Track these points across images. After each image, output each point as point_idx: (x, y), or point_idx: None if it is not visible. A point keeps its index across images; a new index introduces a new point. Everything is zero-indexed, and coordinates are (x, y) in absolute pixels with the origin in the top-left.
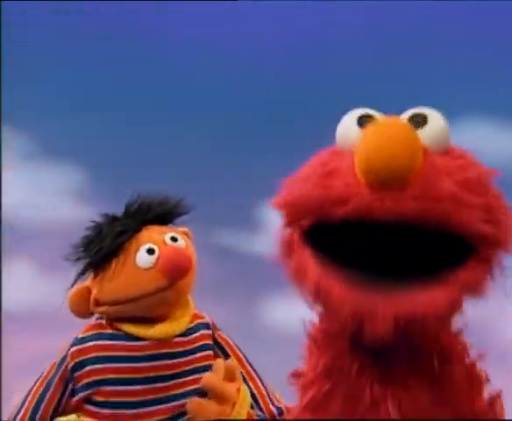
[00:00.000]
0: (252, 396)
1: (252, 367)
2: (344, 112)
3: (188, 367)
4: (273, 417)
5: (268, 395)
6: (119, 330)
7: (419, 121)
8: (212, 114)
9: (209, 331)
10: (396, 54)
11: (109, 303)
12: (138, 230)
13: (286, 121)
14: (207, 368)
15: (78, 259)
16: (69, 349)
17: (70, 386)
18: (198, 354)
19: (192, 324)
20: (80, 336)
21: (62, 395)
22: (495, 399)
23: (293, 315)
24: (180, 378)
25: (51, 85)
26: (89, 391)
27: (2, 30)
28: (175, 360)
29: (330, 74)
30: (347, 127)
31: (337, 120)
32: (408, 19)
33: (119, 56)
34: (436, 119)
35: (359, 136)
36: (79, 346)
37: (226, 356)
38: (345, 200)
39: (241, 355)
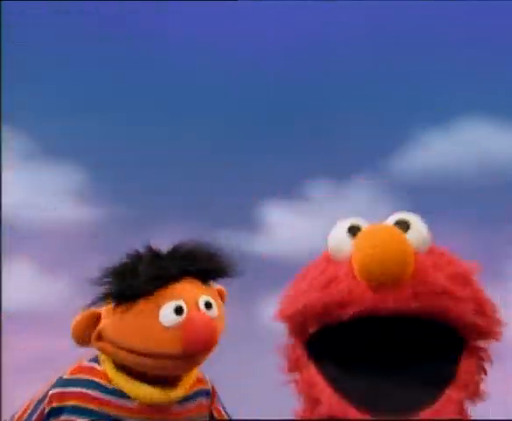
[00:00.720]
0: None
1: None
2: (344, 112)
3: None
4: None
5: None
6: (110, 382)
7: (403, 227)
8: (212, 114)
9: (209, 401)
10: (396, 54)
11: (111, 343)
12: (176, 278)
13: (286, 121)
14: None
15: (104, 284)
16: (50, 390)
17: None
18: None
19: (191, 391)
20: (65, 377)
21: None
22: None
23: None
24: None
25: (51, 85)
26: None
27: (2, 30)
28: None
29: (330, 75)
30: (339, 239)
31: (337, 120)
32: (409, 19)
33: (119, 56)
34: (417, 224)
35: (353, 245)
36: (61, 389)
37: None
38: (350, 303)
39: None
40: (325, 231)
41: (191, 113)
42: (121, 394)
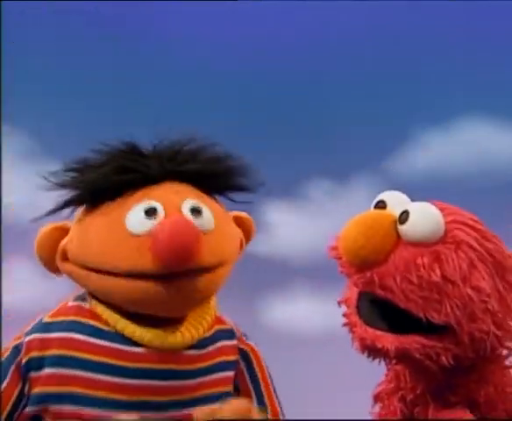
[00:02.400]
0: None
1: (274, 389)
2: (343, 112)
3: (194, 395)
4: None
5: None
6: (106, 323)
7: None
8: (212, 114)
9: (234, 342)
10: (396, 54)
11: (77, 263)
12: (155, 179)
13: (286, 121)
14: (219, 398)
15: (65, 184)
16: (26, 336)
17: (26, 389)
18: (213, 376)
19: (209, 333)
20: (45, 320)
21: (19, 398)
22: None
23: (292, 315)
24: (178, 409)
25: (51, 85)
26: (37, 407)
27: (2, 30)
28: (177, 383)
29: (329, 74)
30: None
31: (337, 120)
32: (409, 20)
33: (120, 57)
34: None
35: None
36: (40, 335)
37: (251, 373)
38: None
39: (267, 375)
40: (325, 231)
41: (191, 113)
42: (121, 338)
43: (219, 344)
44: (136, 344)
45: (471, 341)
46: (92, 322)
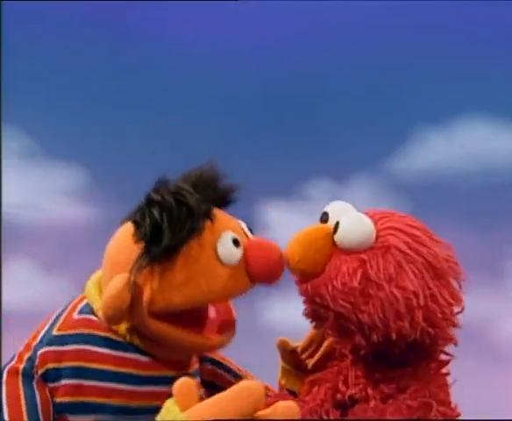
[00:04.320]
0: None
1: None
2: (343, 112)
3: None
4: None
5: None
6: (116, 333)
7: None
8: (213, 114)
9: None
10: (396, 54)
11: (176, 306)
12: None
13: (286, 121)
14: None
15: (149, 236)
16: (38, 348)
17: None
18: (197, 379)
19: None
20: (55, 333)
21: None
22: None
23: (292, 314)
24: None
25: (51, 85)
26: (55, 417)
27: (2, 30)
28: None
29: (329, 74)
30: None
31: (338, 120)
32: (409, 20)
33: (120, 57)
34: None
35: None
36: (56, 348)
37: (225, 370)
38: None
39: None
40: None
41: (192, 113)
42: (133, 347)
43: None
44: (147, 354)
45: (400, 337)
46: (104, 333)
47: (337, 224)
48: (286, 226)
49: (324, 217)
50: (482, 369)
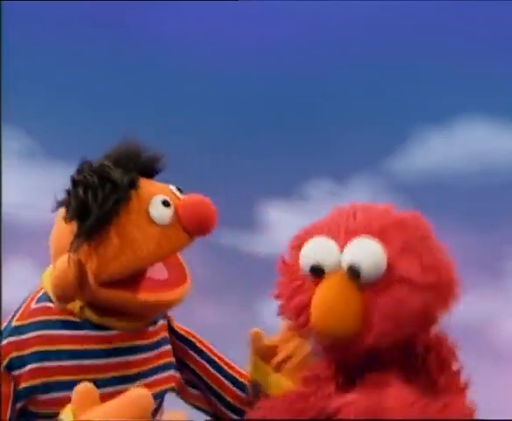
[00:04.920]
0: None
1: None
2: (343, 112)
3: (154, 365)
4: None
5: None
6: (72, 314)
7: (354, 273)
8: (213, 114)
9: (165, 322)
10: (396, 54)
11: (119, 274)
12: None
13: (285, 121)
14: (169, 367)
15: (81, 214)
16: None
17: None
18: (163, 349)
19: None
20: (14, 324)
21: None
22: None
23: None
24: (144, 378)
25: (51, 85)
26: (24, 401)
27: (2, 30)
28: (143, 355)
29: (329, 74)
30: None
31: (338, 120)
32: (409, 19)
33: (120, 57)
34: (367, 260)
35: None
36: (16, 337)
37: (195, 350)
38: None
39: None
40: None
41: (192, 113)
42: (90, 324)
43: (160, 322)
44: (105, 328)
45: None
46: (61, 317)
47: (354, 266)
48: (286, 226)
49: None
50: (482, 369)
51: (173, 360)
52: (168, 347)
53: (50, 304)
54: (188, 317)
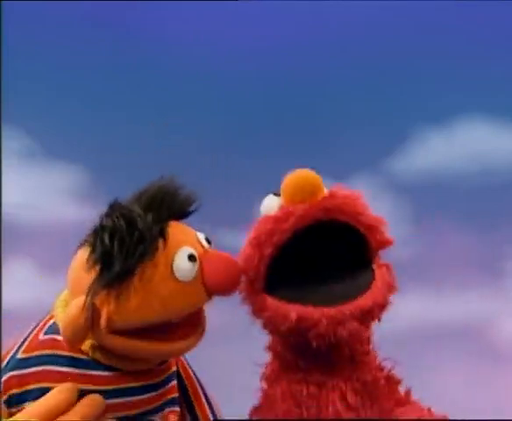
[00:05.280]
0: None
1: (201, 386)
2: (343, 112)
3: (158, 403)
4: None
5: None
6: (80, 351)
7: None
8: (213, 114)
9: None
10: (396, 54)
11: (135, 325)
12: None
13: (285, 121)
14: (174, 402)
15: (103, 263)
16: (3, 373)
17: None
18: (169, 385)
19: None
20: (19, 356)
21: None
22: (408, 392)
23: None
24: (149, 416)
25: (51, 85)
26: None
27: (2, 30)
28: (149, 395)
29: (329, 74)
30: (269, 203)
31: (337, 120)
32: (409, 20)
33: (120, 57)
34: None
35: (282, 190)
36: (18, 372)
37: (183, 389)
38: (286, 219)
39: (194, 380)
40: None
41: (192, 113)
42: (95, 364)
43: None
44: (110, 368)
45: None
46: (67, 353)
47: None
48: None
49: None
50: (482, 369)
51: (177, 395)
52: (174, 383)
53: (59, 337)
54: None
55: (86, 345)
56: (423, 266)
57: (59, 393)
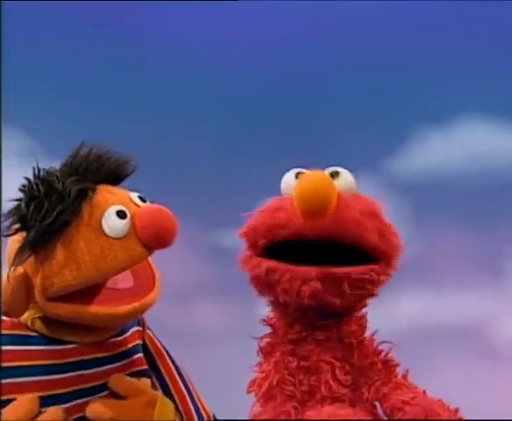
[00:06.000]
0: (171, 396)
1: (177, 369)
2: (344, 112)
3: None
4: None
5: (191, 397)
6: (28, 328)
7: (333, 175)
8: (212, 114)
9: (140, 328)
10: (396, 54)
11: (70, 288)
12: (93, 190)
13: (286, 121)
14: (143, 374)
15: (22, 228)
16: None
17: None
18: (132, 358)
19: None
20: None
21: None
22: (406, 375)
23: None
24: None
25: (51, 85)
26: None
27: (2, 30)
28: (104, 368)
29: (330, 74)
30: (287, 182)
31: (338, 120)
32: (409, 19)
33: (120, 57)
34: (345, 174)
35: (295, 185)
36: None
37: (151, 362)
38: (286, 226)
39: (168, 360)
40: None
41: (192, 114)
42: (46, 339)
43: (132, 329)
44: (61, 342)
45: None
46: (11, 331)
47: (337, 173)
48: None
49: (335, 175)
50: (482, 369)
51: (145, 367)
52: (139, 356)
53: (4, 317)
54: (188, 317)
55: (26, 320)
56: (423, 266)
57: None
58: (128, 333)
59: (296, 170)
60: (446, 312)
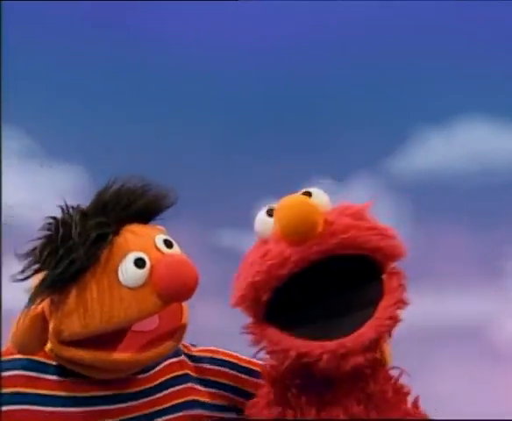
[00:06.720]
0: None
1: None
2: (344, 112)
3: (144, 412)
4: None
5: None
6: (48, 356)
7: (307, 196)
8: (212, 114)
9: (179, 358)
10: (396, 54)
11: (81, 335)
12: (117, 232)
13: (286, 121)
14: (181, 408)
15: (36, 271)
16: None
17: None
18: (163, 393)
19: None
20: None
21: None
22: (416, 402)
23: None
24: None
25: (51, 85)
26: None
27: (2, 30)
28: (124, 405)
29: (330, 74)
30: (263, 221)
31: (338, 120)
32: (409, 19)
33: (120, 57)
34: (317, 193)
35: (274, 218)
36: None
37: (210, 362)
38: (283, 263)
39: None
40: None
41: (192, 114)
42: (65, 371)
43: (166, 362)
44: (81, 375)
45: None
46: (43, 359)
47: (309, 193)
48: None
49: (308, 195)
50: (482, 369)
51: (189, 398)
52: (182, 387)
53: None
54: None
55: (47, 347)
56: (423, 266)
57: None
58: (158, 368)
59: (265, 208)
60: (446, 312)
